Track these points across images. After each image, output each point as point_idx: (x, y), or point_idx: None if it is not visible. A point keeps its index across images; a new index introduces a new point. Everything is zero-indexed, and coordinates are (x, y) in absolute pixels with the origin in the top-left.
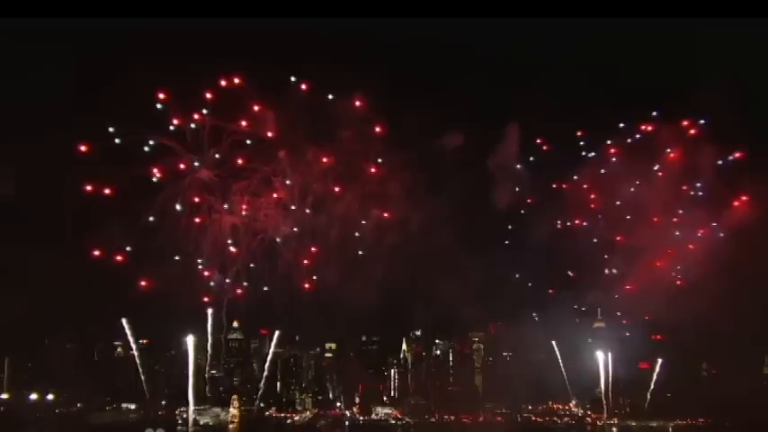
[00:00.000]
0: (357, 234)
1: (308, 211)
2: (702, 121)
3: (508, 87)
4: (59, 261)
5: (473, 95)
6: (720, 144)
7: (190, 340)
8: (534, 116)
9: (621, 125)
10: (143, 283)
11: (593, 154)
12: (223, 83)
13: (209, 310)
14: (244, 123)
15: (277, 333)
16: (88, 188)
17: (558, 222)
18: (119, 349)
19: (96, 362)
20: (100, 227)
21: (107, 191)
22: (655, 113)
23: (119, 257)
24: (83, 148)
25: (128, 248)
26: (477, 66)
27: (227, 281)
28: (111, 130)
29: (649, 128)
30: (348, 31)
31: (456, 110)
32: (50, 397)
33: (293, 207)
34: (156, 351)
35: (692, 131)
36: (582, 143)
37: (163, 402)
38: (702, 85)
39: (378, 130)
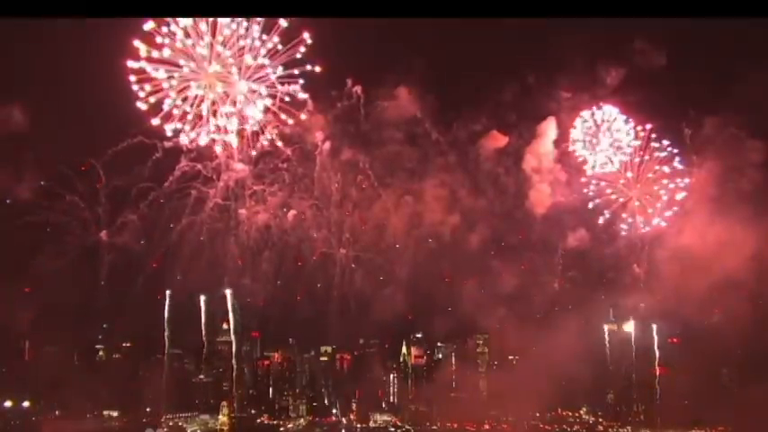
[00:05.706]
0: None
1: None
2: None
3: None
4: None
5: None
6: None
7: None
8: None
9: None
10: None
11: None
12: None
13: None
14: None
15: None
16: None
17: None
18: (100, 353)
19: (76, 367)
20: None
21: None
22: None
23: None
24: None
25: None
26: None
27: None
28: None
29: None
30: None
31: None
32: (26, 404)
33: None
34: (139, 355)
35: None
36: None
37: (147, 409)
38: None
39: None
